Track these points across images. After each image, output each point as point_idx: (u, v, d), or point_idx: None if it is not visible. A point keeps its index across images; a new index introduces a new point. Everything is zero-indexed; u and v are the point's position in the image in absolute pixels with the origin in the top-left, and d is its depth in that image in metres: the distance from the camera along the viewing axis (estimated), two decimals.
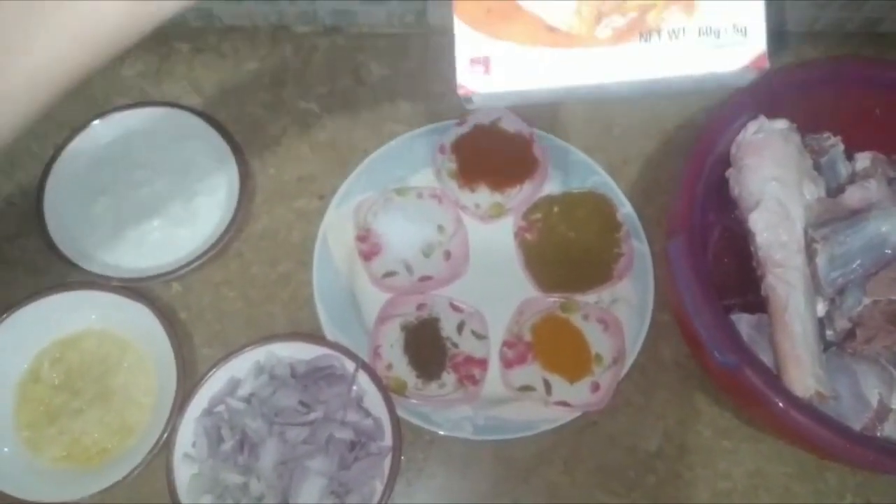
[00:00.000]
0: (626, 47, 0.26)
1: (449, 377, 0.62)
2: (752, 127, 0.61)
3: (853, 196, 0.60)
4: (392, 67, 0.73)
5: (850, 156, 0.65)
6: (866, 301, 0.56)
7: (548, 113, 0.75)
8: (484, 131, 0.71)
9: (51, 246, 0.64)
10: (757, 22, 0.27)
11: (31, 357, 0.63)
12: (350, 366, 0.60)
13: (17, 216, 0.69)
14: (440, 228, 0.68)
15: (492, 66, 0.27)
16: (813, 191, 0.61)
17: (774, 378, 0.55)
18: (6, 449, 0.60)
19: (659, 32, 0.26)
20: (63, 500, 0.56)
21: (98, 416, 0.61)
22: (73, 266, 0.63)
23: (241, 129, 0.72)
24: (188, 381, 0.60)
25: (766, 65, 0.27)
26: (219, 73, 0.76)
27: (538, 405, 0.61)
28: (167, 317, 0.62)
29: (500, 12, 0.26)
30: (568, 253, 0.67)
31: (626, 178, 0.71)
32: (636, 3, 0.26)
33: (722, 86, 0.26)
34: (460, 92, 0.27)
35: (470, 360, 0.63)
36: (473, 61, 0.27)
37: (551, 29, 0.27)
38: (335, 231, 0.67)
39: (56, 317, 0.62)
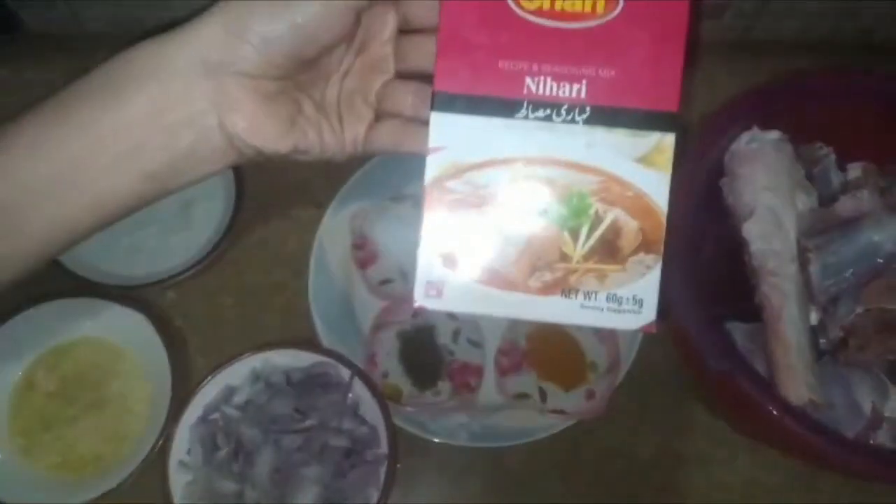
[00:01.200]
0: (551, 299, 0.34)
1: (444, 385, 0.63)
2: (745, 137, 0.62)
3: (845, 206, 0.61)
4: None
5: (842, 166, 0.65)
6: (859, 310, 0.56)
7: None
8: None
9: None
10: (650, 297, 0.35)
11: (25, 365, 0.63)
12: (345, 373, 0.60)
13: None
14: None
15: (444, 292, 0.34)
16: (805, 201, 0.61)
17: (768, 386, 0.55)
18: (0, 456, 0.59)
19: (577, 292, 0.34)
20: None
21: (93, 424, 0.61)
22: (68, 273, 0.63)
23: None
24: (183, 389, 0.60)
25: (654, 330, 0.36)
26: None
27: (533, 413, 0.62)
28: (162, 324, 0.62)
29: (455, 251, 0.34)
30: None
31: None
32: (563, 265, 0.34)
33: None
34: (415, 306, 0.35)
35: (465, 367, 0.63)
36: (429, 285, 0.34)
37: (494, 272, 0.34)
38: (331, 239, 0.67)
39: (51, 324, 0.62)
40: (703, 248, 0.66)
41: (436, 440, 0.60)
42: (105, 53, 0.78)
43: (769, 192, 0.60)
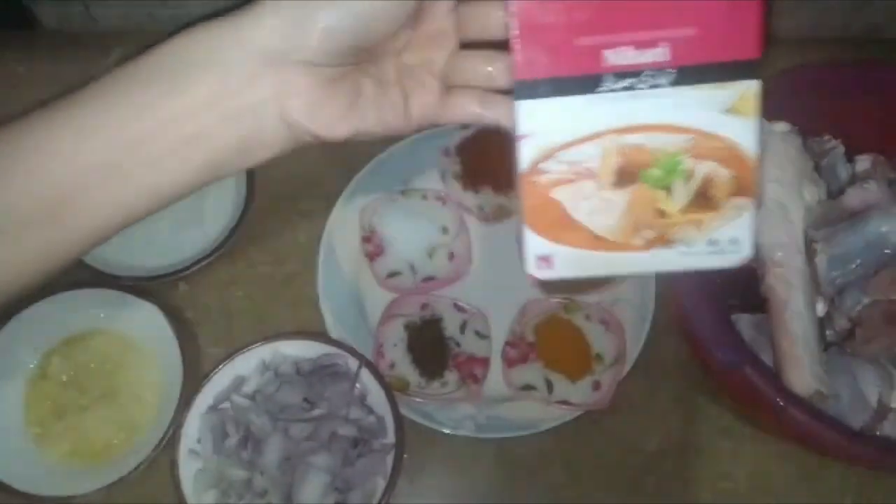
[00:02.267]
0: (655, 252, 0.36)
1: (451, 376, 0.63)
2: None
3: (853, 197, 0.60)
4: None
5: (850, 158, 0.65)
6: (866, 301, 0.56)
7: None
8: (487, 134, 0.72)
9: None
10: (746, 235, 0.36)
11: (40, 355, 0.64)
12: (353, 364, 0.61)
13: None
14: (444, 229, 0.69)
15: (554, 263, 0.37)
16: (813, 192, 0.61)
17: (774, 377, 0.55)
18: (15, 444, 0.60)
19: (678, 242, 0.36)
20: (70, 495, 0.57)
21: (105, 413, 0.62)
22: (82, 265, 0.64)
23: None
24: (194, 379, 0.61)
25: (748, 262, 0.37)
26: None
27: (540, 404, 0.62)
28: (174, 316, 0.63)
29: (559, 224, 0.36)
30: None
31: None
32: (662, 221, 0.36)
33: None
34: (529, 279, 0.37)
35: (472, 359, 0.64)
36: (540, 259, 0.36)
37: (598, 237, 0.36)
38: (340, 232, 0.68)
39: (65, 315, 0.63)
40: None
41: (442, 430, 0.61)
42: (120, 51, 0.79)
43: (776, 183, 0.60)
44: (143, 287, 0.64)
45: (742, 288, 0.62)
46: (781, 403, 0.52)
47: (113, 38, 0.79)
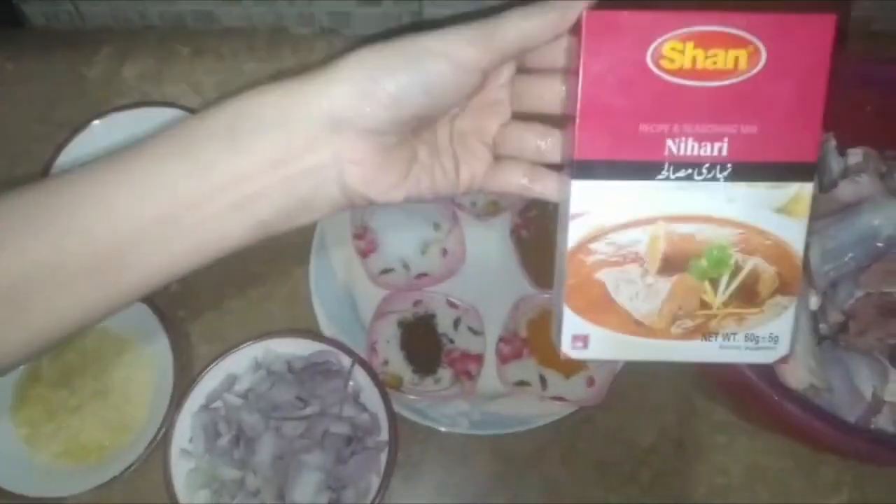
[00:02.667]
0: (692, 343, 0.36)
1: (445, 372, 0.63)
2: None
3: (845, 190, 0.60)
4: None
5: (842, 151, 0.65)
6: (859, 294, 0.56)
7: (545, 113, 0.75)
8: None
9: None
10: (786, 333, 0.36)
11: None
12: (346, 361, 0.60)
13: None
14: (436, 226, 0.68)
15: (590, 343, 0.36)
16: None
17: (768, 371, 0.55)
18: (5, 445, 0.60)
19: (716, 335, 0.36)
20: (61, 496, 0.57)
21: (96, 413, 0.62)
22: None
23: None
24: (185, 378, 0.61)
25: (787, 362, 0.39)
26: (218, 74, 0.77)
27: (534, 400, 0.62)
28: (165, 314, 0.62)
29: (599, 306, 0.35)
30: None
31: None
32: (703, 312, 0.36)
33: None
34: (563, 357, 0.37)
35: (466, 355, 0.64)
36: (575, 338, 0.36)
37: (638, 322, 0.36)
38: (333, 229, 0.68)
39: None
40: None
41: (436, 427, 0.61)
42: (108, 49, 0.78)
43: None
44: None
45: None
46: (776, 397, 0.52)
47: (102, 35, 0.78)
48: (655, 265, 0.35)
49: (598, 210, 0.34)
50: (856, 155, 0.64)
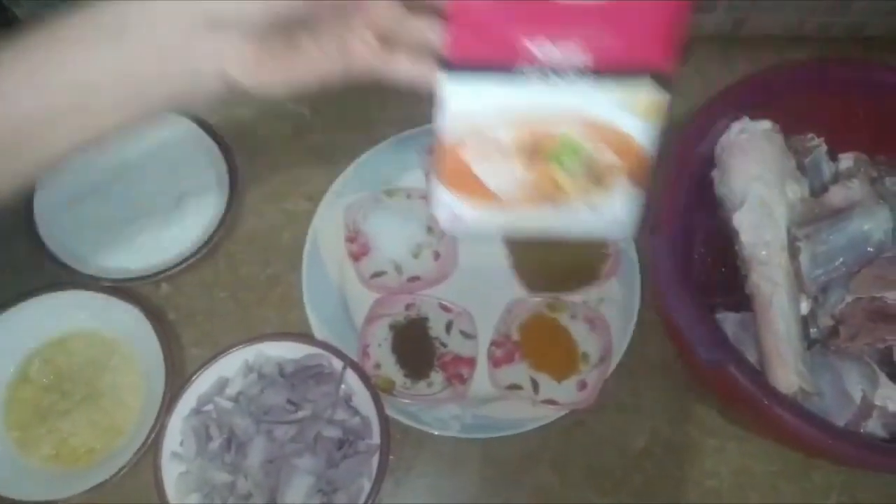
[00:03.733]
0: (547, 215, 0.41)
1: (437, 376, 0.63)
2: (735, 127, 0.62)
3: (836, 195, 0.61)
4: None
5: (833, 156, 0.65)
6: (849, 298, 0.57)
7: None
8: None
9: (40, 247, 0.64)
10: (630, 215, 0.42)
11: (20, 358, 0.63)
12: (338, 365, 0.60)
13: (6, 218, 0.69)
14: (429, 229, 0.68)
15: (463, 218, 0.41)
16: (796, 190, 0.61)
17: (758, 375, 0.55)
18: None
19: (569, 209, 0.41)
20: (51, 499, 0.56)
21: (86, 417, 0.61)
22: (63, 267, 0.64)
23: (231, 131, 0.72)
24: (176, 381, 0.60)
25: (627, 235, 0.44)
26: None
27: (526, 404, 0.62)
28: (156, 317, 0.62)
29: (471, 186, 0.40)
30: (555, 253, 0.68)
31: None
32: (559, 192, 0.41)
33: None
34: (440, 227, 0.42)
35: (458, 359, 0.64)
36: (451, 213, 0.41)
37: (502, 200, 0.41)
38: (325, 232, 0.68)
39: (45, 318, 0.63)
40: (695, 239, 0.66)
41: (428, 431, 0.61)
42: None
43: (760, 182, 0.60)
44: (125, 288, 0.63)
45: (726, 286, 0.62)
46: (766, 402, 0.52)
47: None
48: (517, 152, 0.39)
49: (466, 107, 0.38)
50: (847, 160, 0.64)
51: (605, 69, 0.37)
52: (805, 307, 0.58)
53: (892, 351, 0.57)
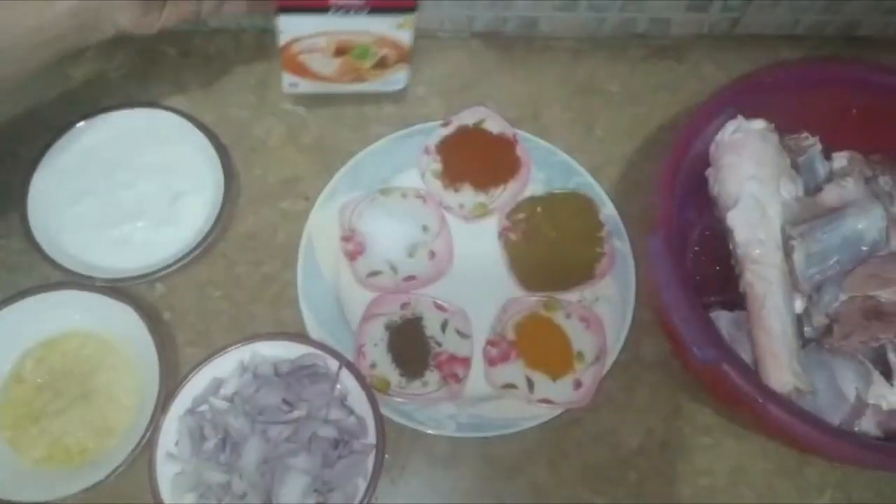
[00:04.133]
0: (355, 85, 0.69)
1: (432, 375, 0.63)
2: (730, 126, 0.62)
3: (830, 194, 0.61)
4: None
5: (827, 155, 0.65)
6: (843, 297, 0.57)
7: (530, 114, 0.76)
8: (468, 132, 0.72)
9: (34, 246, 0.64)
10: (403, 78, 0.69)
11: (13, 357, 0.63)
12: (334, 364, 0.60)
13: (2, 217, 0.69)
14: (424, 228, 0.68)
15: (298, 86, 0.68)
16: (791, 189, 0.62)
17: (753, 373, 0.55)
18: None
19: (367, 81, 0.69)
20: (45, 500, 0.56)
21: (80, 417, 0.61)
22: (57, 266, 0.63)
23: (226, 131, 0.72)
24: (171, 381, 0.60)
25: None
26: (205, 75, 0.76)
27: (521, 403, 0.62)
28: (151, 317, 0.62)
29: (302, 70, 0.66)
30: (551, 252, 0.68)
31: (607, 178, 0.72)
32: (360, 72, 0.67)
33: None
34: (285, 91, 0.69)
35: (453, 358, 0.64)
36: (291, 84, 0.68)
37: (324, 77, 0.67)
38: (320, 231, 0.68)
39: (39, 317, 0.62)
40: (690, 238, 0.66)
41: (423, 430, 0.61)
42: (94, 49, 0.78)
43: (754, 181, 0.60)
44: (119, 288, 0.63)
45: (721, 285, 0.62)
46: (760, 400, 0.52)
47: None
48: (331, 52, 0.64)
49: (296, 26, 0.62)
50: (841, 159, 0.64)
51: (379, 7, 0.60)
52: (799, 306, 0.58)
53: (885, 349, 0.57)
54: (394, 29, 0.62)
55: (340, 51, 0.63)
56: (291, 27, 0.61)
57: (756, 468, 0.63)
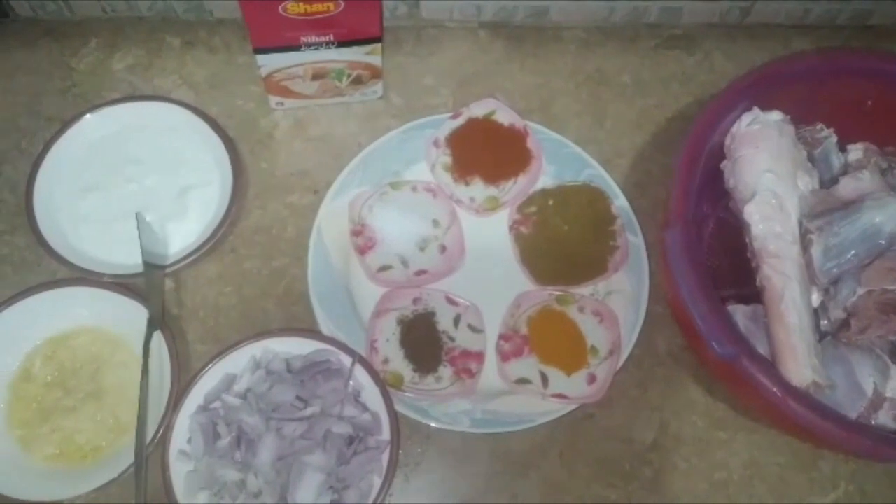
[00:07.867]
0: (334, 99, 0.74)
1: (445, 371, 0.62)
2: (746, 118, 0.62)
3: (847, 187, 0.60)
4: (385, 61, 0.73)
5: (843, 147, 0.65)
6: (861, 291, 0.56)
7: (539, 105, 0.75)
8: (478, 125, 0.71)
9: (41, 242, 0.63)
10: (379, 90, 0.75)
11: (22, 355, 0.62)
12: (346, 360, 0.60)
13: (7, 212, 0.68)
14: (435, 222, 0.68)
15: (283, 104, 0.74)
16: (807, 182, 0.61)
17: (771, 368, 0.55)
18: None
19: (345, 95, 0.74)
20: (57, 499, 0.56)
21: (91, 414, 0.60)
22: (64, 262, 0.63)
23: (234, 124, 0.72)
24: (182, 378, 0.60)
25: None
26: (210, 66, 0.75)
27: (535, 398, 0.61)
28: (161, 313, 0.61)
29: (286, 92, 0.72)
30: (563, 246, 0.67)
31: (619, 170, 0.72)
32: (338, 90, 0.73)
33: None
34: (272, 106, 0.75)
35: (466, 353, 0.63)
36: (277, 103, 0.73)
37: (306, 96, 0.73)
38: (330, 225, 0.67)
39: (47, 314, 0.62)
40: (705, 232, 0.66)
41: (437, 426, 0.60)
42: (97, 40, 0.77)
43: (771, 173, 0.59)
44: (128, 284, 0.62)
45: (735, 277, 0.62)
46: (779, 394, 0.52)
47: (90, 26, 0.76)
48: (309, 77, 0.70)
49: (273, 62, 0.68)
50: (856, 150, 0.64)
51: (346, 41, 0.67)
52: (816, 300, 0.58)
53: None
54: (362, 55, 0.69)
55: (318, 75, 0.70)
56: (269, 62, 0.67)
57: (770, 462, 0.62)
